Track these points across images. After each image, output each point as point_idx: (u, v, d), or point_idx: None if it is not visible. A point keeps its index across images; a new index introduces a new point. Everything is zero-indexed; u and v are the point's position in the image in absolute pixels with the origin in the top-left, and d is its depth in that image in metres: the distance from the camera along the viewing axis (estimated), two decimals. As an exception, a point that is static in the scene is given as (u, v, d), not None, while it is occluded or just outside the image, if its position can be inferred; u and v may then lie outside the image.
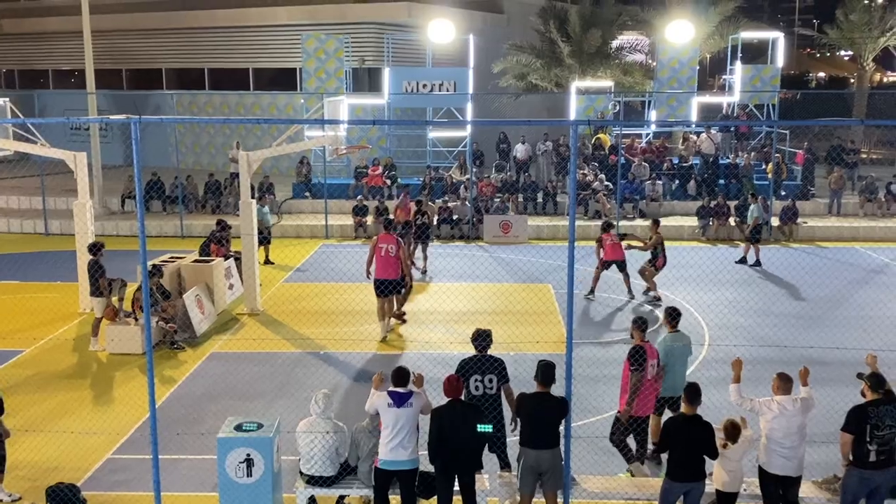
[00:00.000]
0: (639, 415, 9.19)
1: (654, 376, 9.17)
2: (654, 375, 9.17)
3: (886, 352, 10.47)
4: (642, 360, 8.98)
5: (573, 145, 8.44)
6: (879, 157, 35.47)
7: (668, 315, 9.97)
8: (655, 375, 9.21)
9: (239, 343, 14.37)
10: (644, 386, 9.04)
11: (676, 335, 9.79)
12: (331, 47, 27.73)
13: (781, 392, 7.84)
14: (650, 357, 9.11)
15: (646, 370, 9.02)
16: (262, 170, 22.26)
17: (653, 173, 25.74)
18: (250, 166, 15.91)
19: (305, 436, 8.26)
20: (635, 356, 8.98)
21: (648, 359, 9.06)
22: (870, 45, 35.82)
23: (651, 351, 9.18)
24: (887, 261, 20.46)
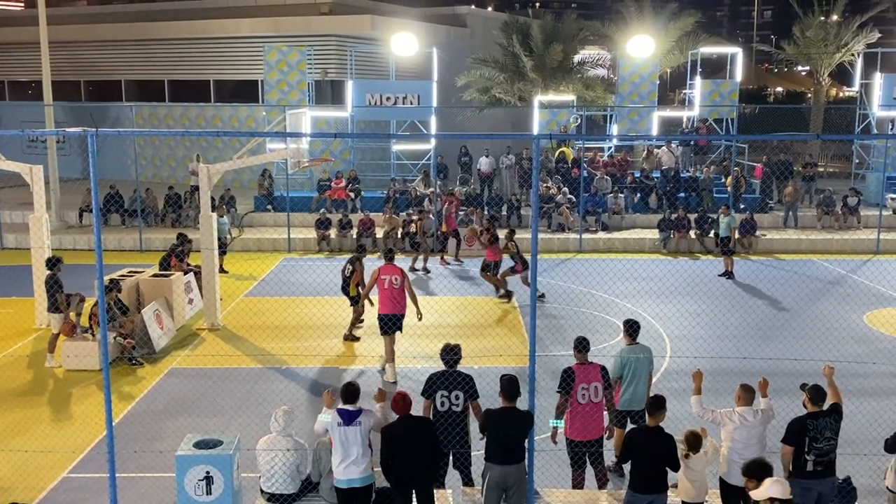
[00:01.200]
0: (575, 438, 8.81)
1: (591, 400, 8.72)
2: (592, 399, 8.71)
3: (843, 363, 10.65)
4: (569, 383, 8.68)
5: (535, 159, 8.43)
6: (836, 170, 36.19)
7: (626, 327, 9.86)
8: (597, 399, 8.75)
9: (199, 359, 14.17)
10: (576, 409, 8.70)
11: (633, 348, 9.67)
12: (293, 59, 27.63)
13: (743, 403, 7.90)
14: (583, 380, 8.70)
15: (573, 393, 8.67)
16: (223, 183, 22.06)
17: (615, 186, 25.96)
18: (210, 179, 15.73)
19: (266, 453, 8.13)
20: (562, 378, 8.69)
21: (579, 381, 8.68)
22: (826, 61, 36.62)
23: (587, 373, 8.76)
24: (844, 272, 20.83)
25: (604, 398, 8.85)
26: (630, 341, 9.76)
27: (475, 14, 38.79)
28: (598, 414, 8.84)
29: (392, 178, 27.02)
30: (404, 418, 7.81)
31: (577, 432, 8.81)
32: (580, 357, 8.94)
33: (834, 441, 7.64)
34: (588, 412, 8.75)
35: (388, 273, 13.03)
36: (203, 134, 27.89)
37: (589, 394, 8.74)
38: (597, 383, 8.78)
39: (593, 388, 8.76)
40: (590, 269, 19.89)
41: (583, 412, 8.73)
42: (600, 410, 8.85)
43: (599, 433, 8.91)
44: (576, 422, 8.78)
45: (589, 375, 8.79)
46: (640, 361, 9.53)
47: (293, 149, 17.56)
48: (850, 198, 25.59)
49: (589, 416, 8.75)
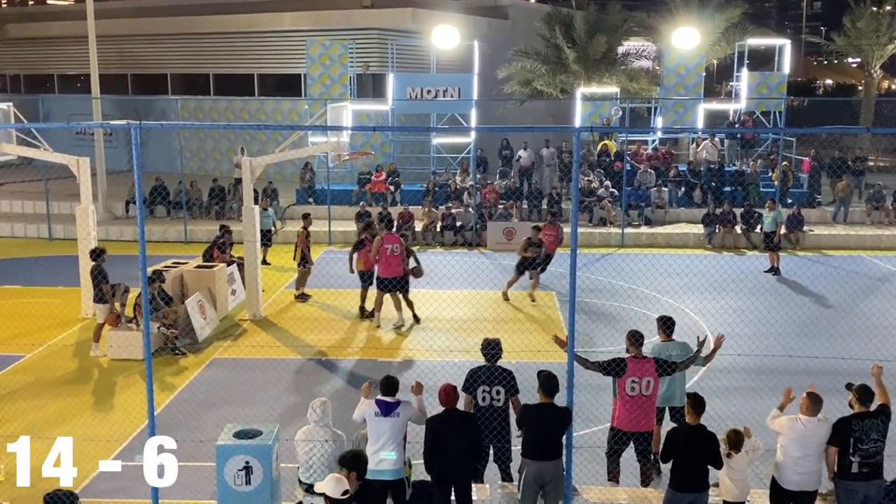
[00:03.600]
0: (621, 427, 8.75)
1: (642, 394, 8.60)
2: (642, 393, 8.59)
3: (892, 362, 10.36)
4: (616, 369, 8.58)
5: (576, 152, 8.32)
6: (886, 164, 35.30)
7: (659, 324, 9.73)
8: (648, 393, 8.63)
9: (240, 349, 14.31)
10: (625, 400, 8.62)
11: (666, 345, 9.49)
12: (335, 53, 27.73)
13: (808, 413, 7.67)
14: (634, 373, 8.58)
15: (622, 384, 8.58)
16: (265, 175, 22.22)
17: (659, 180, 25.63)
18: (253, 172, 15.86)
19: (304, 444, 8.17)
20: (612, 360, 8.62)
21: (630, 374, 8.57)
22: (877, 53, 35.70)
23: (640, 367, 8.63)
24: (894, 269, 20.31)
25: (656, 393, 8.70)
26: (665, 338, 9.61)
27: (517, 5, 38.50)
28: (648, 408, 8.69)
29: (432, 171, 26.99)
30: (449, 411, 7.79)
31: (623, 422, 8.73)
32: (634, 350, 8.82)
33: (881, 443, 7.44)
34: (637, 405, 8.64)
35: (391, 242, 14.99)
36: (244, 127, 28.21)
37: (640, 387, 8.61)
38: (649, 378, 8.61)
39: (645, 383, 8.60)
40: (632, 264, 19.68)
41: (631, 404, 8.63)
42: (651, 405, 8.70)
43: (647, 428, 8.77)
44: (623, 412, 8.70)
45: (642, 370, 8.64)
46: (671, 359, 9.21)
47: (334, 142, 17.63)
48: (901, 193, 24.95)
49: (637, 409, 8.63)
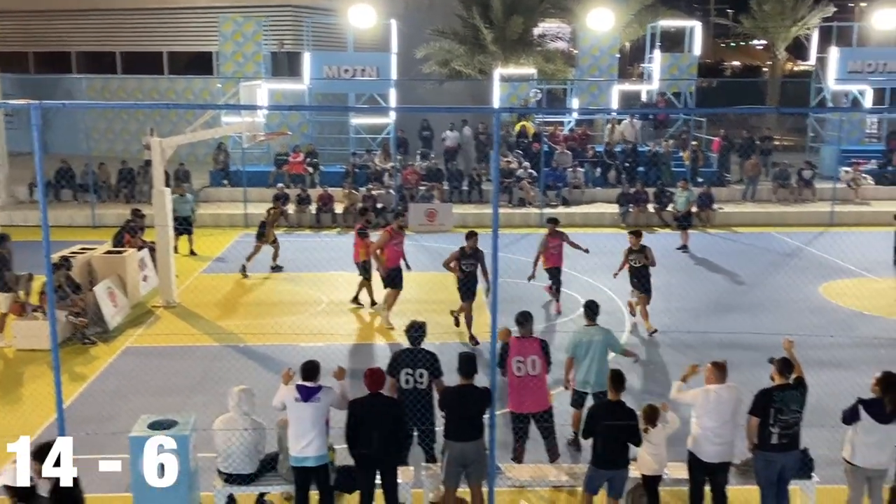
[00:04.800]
0: (514, 410, 8.82)
1: (528, 373, 8.71)
2: (529, 372, 8.71)
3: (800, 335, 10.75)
4: (503, 356, 8.73)
5: (496, 132, 8.30)
6: (791, 143, 36.63)
7: (585, 308, 9.82)
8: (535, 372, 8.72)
9: (154, 337, 13.89)
10: (513, 382, 8.72)
11: (586, 330, 9.57)
12: (248, 30, 27.09)
13: (716, 381, 7.89)
14: (518, 353, 8.70)
15: (509, 365, 8.70)
16: (177, 157, 21.60)
17: (575, 161, 25.97)
18: (163, 153, 15.38)
19: (223, 433, 7.99)
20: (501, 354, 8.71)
21: (514, 354, 8.69)
22: (782, 35, 36.92)
23: (523, 347, 8.74)
24: (799, 245, 21.12)
25: (545, 372, 8.81)
26: (588, 322, 9.68)
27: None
28: (538, 387, 8.78)
29: (352, 152, 26.72)
30: (374, 395, 7.72)
31: (514, 404, 8.83)
32: (520, 330, 8.92)
33: (799, 413, 7.69)
34: (525, 385, 8.72)
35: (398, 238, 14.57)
36: (154, 107, 27.37)
37: (525, 367, 8.72)
38: (534, 356, 8.73)
39: (530, 362, 8.72)
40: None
41: (519, 385, 8.72)
42: (540, 384, 8.79)
43: (541, 406, 8.85)
44: (513, 394, 8.79)
45: (525, 349, 8.75)
46: (593, 344, 9.34)
47: (249, 122, 17.24)
48: (805, 171, 25.91)
49: (526, 389, 8.72)
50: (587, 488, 7.91)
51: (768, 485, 7.84)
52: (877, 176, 26.70)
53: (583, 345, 9.38)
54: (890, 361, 10.30)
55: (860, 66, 28.16)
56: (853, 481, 7.82)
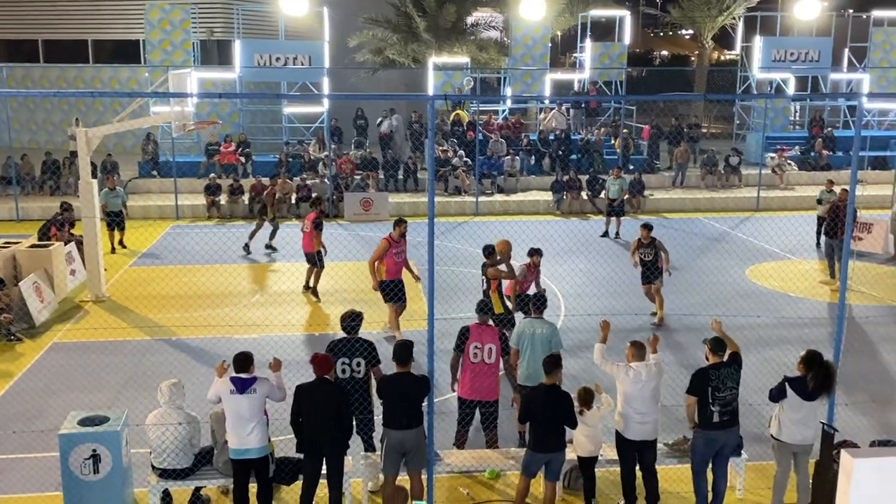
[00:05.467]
0: (464, 396, 8.83)
1: (484, 360, 8.73)
2: (484, 360, 8.72)
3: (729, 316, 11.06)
4: (462, 341, 8.74)
5: (431, 120, 8.29)
6: (718, 131, 37.53)
7: (533, 299, 9.62)
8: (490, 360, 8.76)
9: (83, 332, 13.53)
10: (467, 367, 8.73)
11: (532, 321, 9.24)
12: (176, 18, 26.48)
13: (635, 359, 8.09)
14: (476, 339, 8.72)
15: (465, 351, 8.70)
16: (104, 148, 21.04)
17: (510, 149, 26.15)
18: (90, 144, 14.93)
19: (155, 428, 7.86)
20: (458, 336, 8.72)
21: (472, 340, 8.70)
22: (709, 24, 37.70)
23: (482, 334, 8.77)
24: (726, 229, 21.69)
25: (499, 362, 8.83)
26: (535, 314, 9.37)
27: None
28: (491, 376, 8.80)
29: (284, 141, 26.39)
30: (320, 380, 7.68)
31: (465, 390, 8.83)
32: (481, 318, 8.96)
33: (736, 390, 7.89)
34: (479, 372, 8.74)
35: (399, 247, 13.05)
36: (78, 95, 26.60)
37: (482, 354, 8.74)
38: (491, 345, 8.76)
39: (487, 349, 8.74)
40: (486, 231, 19.99)
41: (473, 371, 8.74)
42: (493, 372, 8.81)
43: (490, 395, 8.85)
44: (465, 380, 8.80)
45: (484, 336, 8.79)
46: (535, 336, 9.09)
47: (178, 111, 16.87)
48: (732, 157, 26.58)
49: (480, 376, 8.74)
50: (525, 472, 8.01)
51: (703, 463, 8.04)
52: (800, 162, 27.57)
53: (525, 337, 9.14)
54: (814, 340, 10.70)
55: (783, 54, 29.02)
56: (780, 457, 8.07)
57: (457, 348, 8.76)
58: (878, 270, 17.51)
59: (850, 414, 9.98)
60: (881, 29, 31.56)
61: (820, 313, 14.58)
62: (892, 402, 10.83)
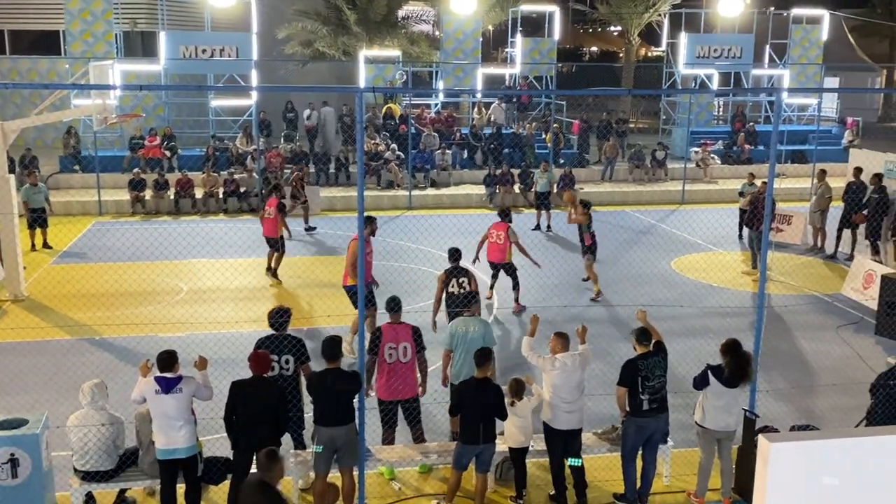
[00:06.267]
0: (383, 398, 8.73)
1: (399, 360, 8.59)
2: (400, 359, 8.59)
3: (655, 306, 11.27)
4: (375, 343, 8.60)
5: (359, 113, 8.21)
6: (645, 126, 38.25)
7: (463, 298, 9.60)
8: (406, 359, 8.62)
9: (0, 332, 13.05)
10: (383, 368, 8.61)
11: (466, 320, 9.12)
12: (98, 8, 25.76)
13: (560, 349, 8.19)
14: (390, 339, 8.61)
15: (381, 352, 8.57)
16: (23, 142, 20.33)
17: (442, 143, 26.17)
18: (6, 137, 14.39)
19: (77, 430, 7.63)
20: (371, 338, 8.54)
21: (386, 341, 8.59)
22: (635, 21, 38.39)
23: (396, 333, 8.65)
24: (653, 222, 22.12)
25: (415, 360, 8.73)
26: (468, 312, 9.29)
27: (295, -36, 37.58)
28: (408, 374, 8.72)
29: (211, 134, 25.89)
30: (257, 378, 7.57)
31: (384, 392, 8.72)
32: (392, 317, 8.87)
33: (664, 378, 8.06)
34: (396, 372, 8.64)
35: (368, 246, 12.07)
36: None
37: (397, 353, 8.63)
38: (406, 343, 8.66)
39: (402, 348, 8.64)
40: (419, 225, 19.97)
41: (390, 371, 8.63)
42: (410, 370, 8.73)
43: (410, 393, 8.78)
44: (382, 381, 8.68)
45: (398, 335, 8.68)
46: (468, 334, 8.92)
47: (100, 104, 16.37)
48: (658, 152, 27.13)
49: (397, 376, 8.65)
50: (456, 465, 8.03)
51: (634, 450, 8.20)
52: (723, 156, 28.30)
53: (458, 335, 8.99)
54: (736, 329, 11.00)
55: (707, 51, 29.74)
56: (704, 444, 8.27)
57: (370, 351, 8.52)
58: (797, 261, 18.10)
59: (772, 400, 10.31)
60: (800, 26, 32.61)
61: (742, 303, 14.99)
62: (811, 388, 11.20)
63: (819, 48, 32.66)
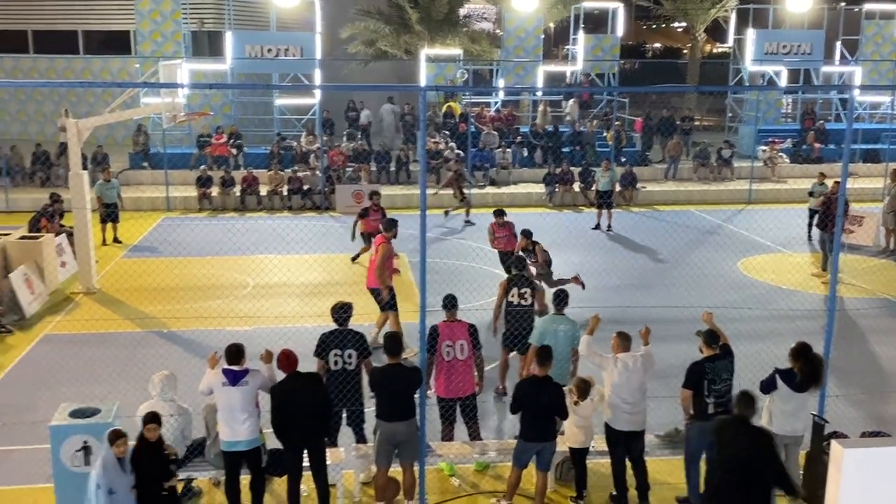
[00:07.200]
0: (442, 395, 8.76)
1: (457, 357, 8.65)
2: (457, 357, 8.65)
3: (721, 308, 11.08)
4: (432, 341, 8.62)
5: (422, 112, 8.27)
6: (711, 123, 37.56)
7: (553, 297, 9.48)
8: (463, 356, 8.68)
9: (74, 324, 13.49)
10: (441, 366, 8.65)
11: (555, 318, 9.20)
12: (167, 8, 26.38)
13: (621, 350, 8.11)
14: (447, 337, 8.66)
15: (438, 350, 8.62)
16: (95, 139, 20.95)
17: (502, 141, 26.12)
18: (80, 135, 14.86)
19: (147, 420, 7.81)
20: (428, 336, 8.45)
21: (443, 339, 8.64)
22: (701, 17, 37.73)
23: (452, 331, 8.72)
24: (719, 222, 21.72)
25: (472, 357, 8.75)
26: (556, 311, 9.29)
27: (358, -37, 37.92)
28: (466, 371, 8.74)
29: (276, 133, 26.31)
30: (292, 376, 7.66)
31: (443, 389, 8.74)
32: (448, 314, 8.88)
33: (730, 381, 7.93)
34: (454, 369, 8.67)
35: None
36: (70, 85, 26.48)
37: (454, 351, 8.67)
38: (462, 341, 8.69)
39: (459, 346, 8.67)
40: (479, 223, 19.99)
41: (448, 369, 8.66)
42: (468, 368, 8.75)
43: (468, 391, 8.80)
44: (441, 378, 8.71)
45: (454, 333, 8.72)
46: (557, 333, 9.00)
47: (169, 102, 16.79)
48: (724, 150, 26.62)
49: (455, 373, 8.67)
50: (516, 462, 8.02)
51: (697, 454, 8.08)
52: (792, 154, 27.63)
53: (549, 333, 9.02)
54: (805, 333, 10.71)
55: (776, 47, 29.04)
56: (771, 448, 8.09)
57: (429, 350, 8.53)
58: (869, 263, 17.58)
59: (842, 405, 10.03)
60: (873, 22, 31.63)
61: (811, 305, 14.62)
62: (882, 394, 10.88)
63: (893, 44, 31.62)
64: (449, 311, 8.91)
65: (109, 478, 6.85)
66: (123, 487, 6.90)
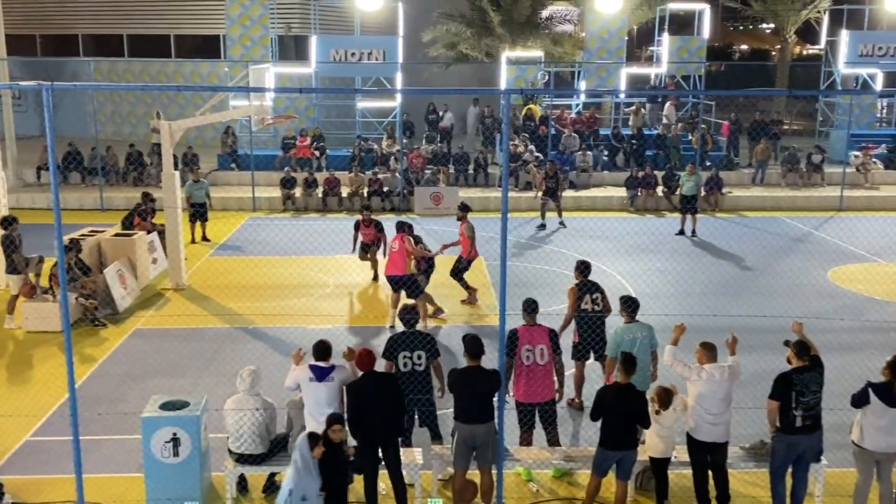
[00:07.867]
0: (521, 399, 8.67)
1: (536, 362, 8.54)
2: (537, 361, 8.54)
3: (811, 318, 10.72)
4: (512, 345, 8.53)
5: (505, 114, 8.27)
6: (800, 128, 36.42)
7: (622, 304, 9.29)
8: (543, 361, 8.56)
9: (164, 319, 13.95)
10: (521, 370, 8.56)
11: (630, 326, 9.05)
12: (255, 13, 27.03)
13: (706, 360, 7.92)
14: (527, 342, 8.57)
15: (517, 355, 8.53)
16: (185, 140, 21.64)
17: (583, 144, 25.88)
18: (172, 136, 15.36)
19: (233, 413, 8.04)
20: (507, 340, 8.34)
21: (523, 343, 8.55)
22: (792, 18, 36.62)
23: (532, 335, 8.64)
24: (808, 229, 21.04)
25: (552, 362, 8.66)
26: (628, 319, 9.17)
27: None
28: (545, 376, 8.66)
29: (358, 135, 26.67)
30: (369, 375, 7.76)
31: (522, 394, 8.67)
32: (528, 318, 8.81)
33: (819, 394, 7.68)
34: (533, 374, 8.60)
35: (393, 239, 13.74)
36: (163, 88, 27.32)
37: (534, 356, 8.59)
38: (542, 345, 8.61)
39: (539, 351, 8.59)
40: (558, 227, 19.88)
41: (527, 374, 8.59)
42: (547, 373, 8.66)
43: (547, 395, 8.71)
44: (520, 383, 8.64)
45: (534, 337, 8.65)
46: (636, 342, 8.86)
47: (256, 105, 17.20)
48: (815, 155, 25.78)
49: (534, 378, 8.60)
50: (596, 470, 7.94)
51: (783, 468, 7.86)
52: (886, 160, 26.56)
53: (626, 343, 8.86)
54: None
55: (871, 49, 27.98)
56: (862, 465, 7.82)
57: (508, 354, 8.44)
58: (970, 274, 16.75)
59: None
60: (976, 22, 30.17)
61: (906, 318, 14.04)
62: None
63: None
64: (529, 315, 8.86)
65: (304, 483, 6.86)
66: (313, 491, 6.93)
